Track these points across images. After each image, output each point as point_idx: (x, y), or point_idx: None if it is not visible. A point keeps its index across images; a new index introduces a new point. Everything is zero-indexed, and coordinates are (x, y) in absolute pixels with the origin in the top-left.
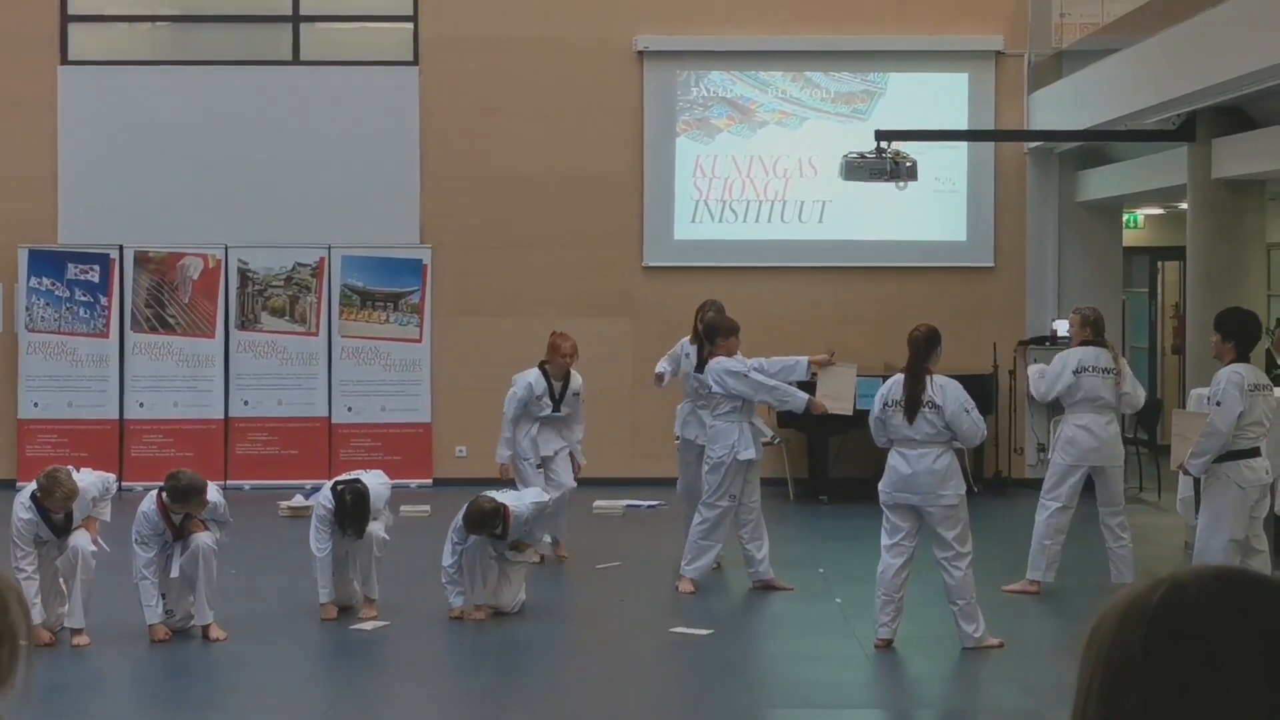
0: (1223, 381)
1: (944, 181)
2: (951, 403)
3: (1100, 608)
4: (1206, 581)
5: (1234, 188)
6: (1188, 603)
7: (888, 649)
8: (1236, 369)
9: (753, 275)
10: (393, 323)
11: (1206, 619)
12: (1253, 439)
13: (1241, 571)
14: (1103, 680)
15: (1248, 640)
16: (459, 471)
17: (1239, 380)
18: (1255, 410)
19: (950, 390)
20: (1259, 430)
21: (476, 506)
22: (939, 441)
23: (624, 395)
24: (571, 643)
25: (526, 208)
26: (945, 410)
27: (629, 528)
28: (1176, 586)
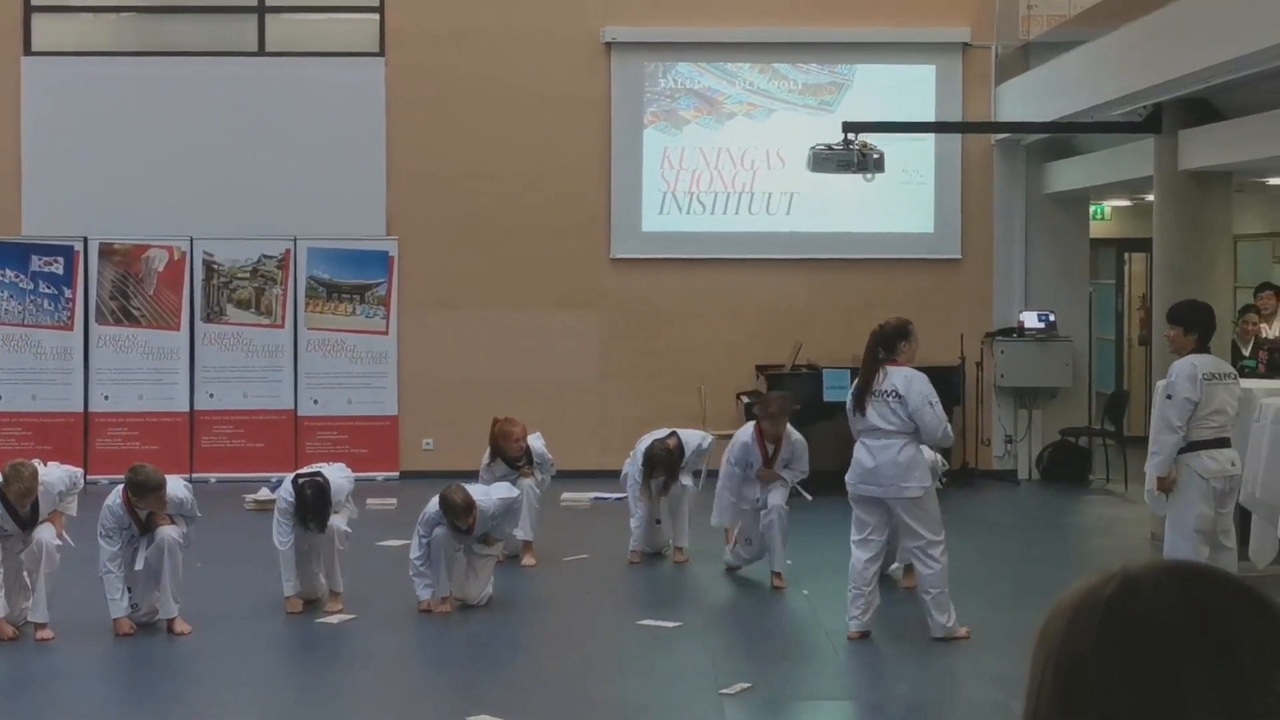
0: (1174, 373)
1: (911, 173)
2: (915, 395)
3: (1052, 604)
4: (1159, 576)
5: (1200, 179)
6: (1140, 598)
7: (862, 640)
8: (1191, 360)
9: (720, 267)
10: (359, 315)
11: (1159, 614)
12: (1215, 429)
13: (1195, 566)
14: (1054, 678)
15: (1201, 637)
16: (425, 464)
17: (1191, 371)
18: (1215, 400)
19: (915, 383)
20: (1221, 419)
21: (451, 497)
22: (902, 433)
23: (591, 388)
24: (539, 636)
25: (493, 200)
26: (908, 402)
27: (596, 520)
28: (1129, 581)
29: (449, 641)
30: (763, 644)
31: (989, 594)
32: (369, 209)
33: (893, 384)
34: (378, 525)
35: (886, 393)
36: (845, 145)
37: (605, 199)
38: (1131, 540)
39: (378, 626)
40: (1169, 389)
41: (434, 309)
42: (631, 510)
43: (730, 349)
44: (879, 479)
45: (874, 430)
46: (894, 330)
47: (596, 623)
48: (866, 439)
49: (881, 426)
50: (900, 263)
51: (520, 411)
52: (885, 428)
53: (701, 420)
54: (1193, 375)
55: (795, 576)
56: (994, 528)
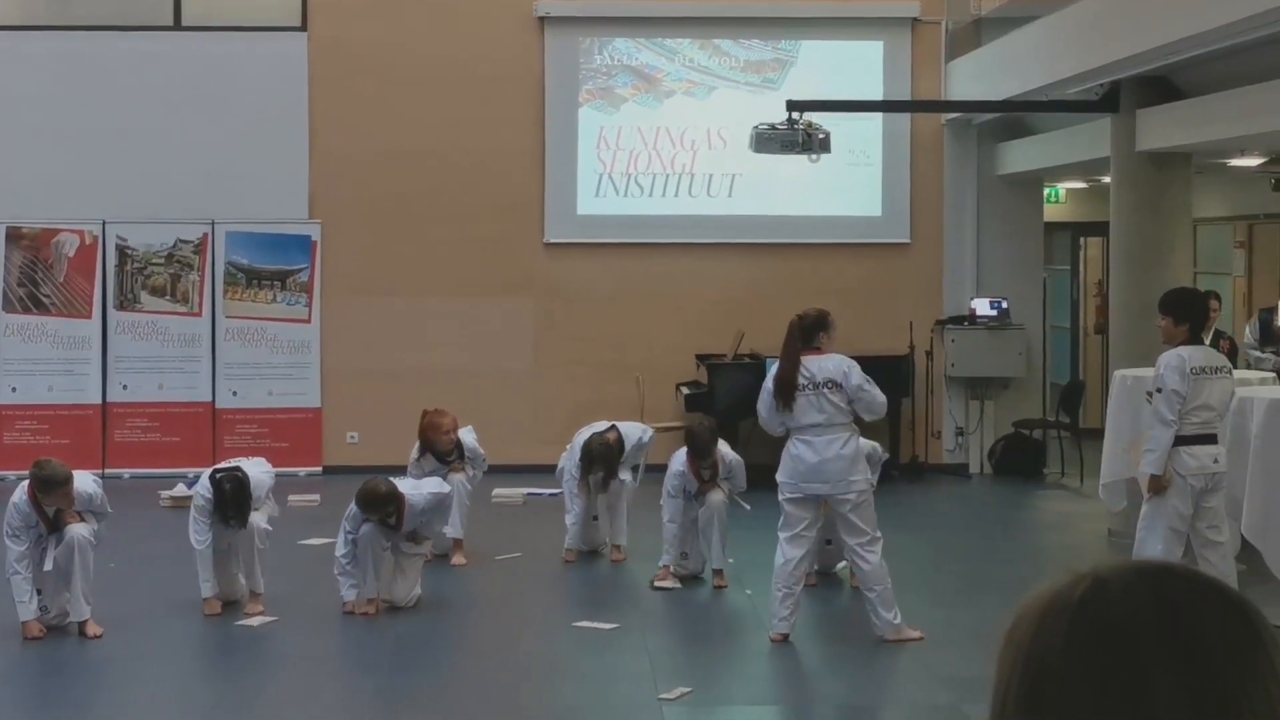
0: (1162, 366)
1: (858, 154)
2: (853, 376)
3: (1018, 605)
4: (1129, 577)
5: (1159, 160)
6: (1110, 599)
7: (785, 643)
8: (1179, 351)
9: (659, 252)
10: (280, 302)
11: (1129, 616)
12: (1199, 424)
13: (1166, 565)
14: (1021, 680)
15: (1171, 638)
16: (350, 459)
17: (1179, 363)
18: (1202, 394)
19: (848, 366)
20: (1206, 415)
21: (371, 487)
22: (843, 424)
23: (525, 378)
24: (470, 638)
25: (421, 181)
26: (848, 385)
27: (530, 517)
28: (1098, 582)
29: (375, 645)
30: (704, 646)
31: (939, 593)
32: (290, 191)
33: (826, 373)
34: (300, 523)
35: (821, 383)
36: (789, 125)
37: (538, 181)
38: (1087, 536)
39: (300, 629)
40: (1158, 382)
41: (359, 296)
42: (567, 507)
43: (670, 338)
44: (825, 475)
45: (813, 426)
46: (814, 321)
47: (530, 624)
48: (805, 435)
49: (819, 420)
50: (847, 247)
51: (450, 403)
52: (823, 421)
53: (640, 412)
54: (1180, 368)
55: (737, 575)
56: (944, 524)
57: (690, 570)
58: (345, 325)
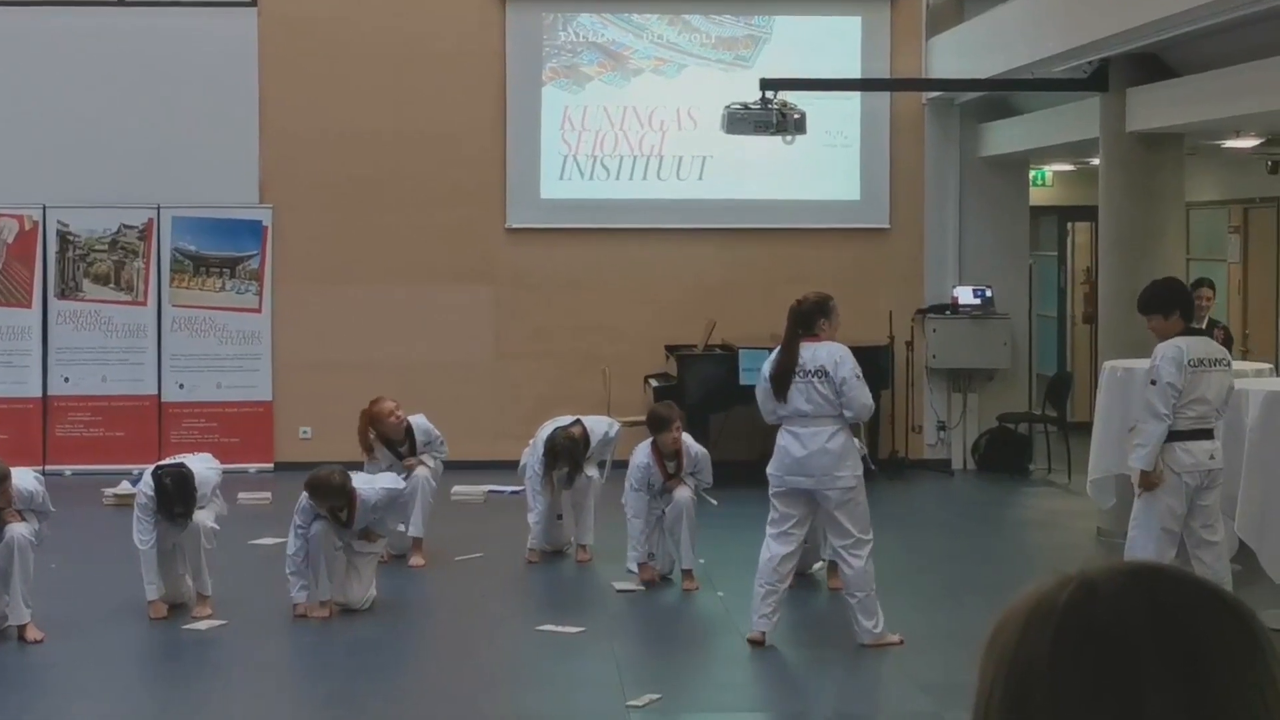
0: (1159, 356)
1: (835, 135)
2: (844, 369)
3: (1002, 609)
4: (1119, 579)
5: (1150, 142)
6: (1099, 602)
7: (763, 645)
8: (1177, 343)
9: (626, 238)
10: (229, 291)
11: (1119, 620)
12: (1194, 419)
13: (1158, 567)
14: (1005, 688)
15: (1164, 643)
16: (302, 455)
17: (1177, 355)
18: (1198, 388)
19: (842, 356)
20: (1202, 409)
21: (324, 476)
22: (830, 416)
23: (485, 370)
24: (428, 643)
25: (377, 164)
26: (835, 377)
27: (491, 516)
28: (1086, 585)
29: (328, 650)
30: (674, 651)
31: (920, 594)
32: (240, 174)
33: (818, 361)
34: (250, 522)
35: (811, 372)
36: (763, 104)
37: (500, 163)
38: (1075, 535)
39: (250, 633)
40: (1153, 373)
41: (312, 284)
42: (530, 505)
43: (638, 328)
44: (809, 469)
45: (800, 416)
46: (813, 306)
47: (491, 628)
48: (793, 426)
49: (806, 411)
50: (823, 233)
51: (408, 396)
52: (811, 411)
53: (606, 406)
54: (1178, 359)
55: (708, 576)
56: (926, 522)
57: (659, 571)
58: (298, 315)
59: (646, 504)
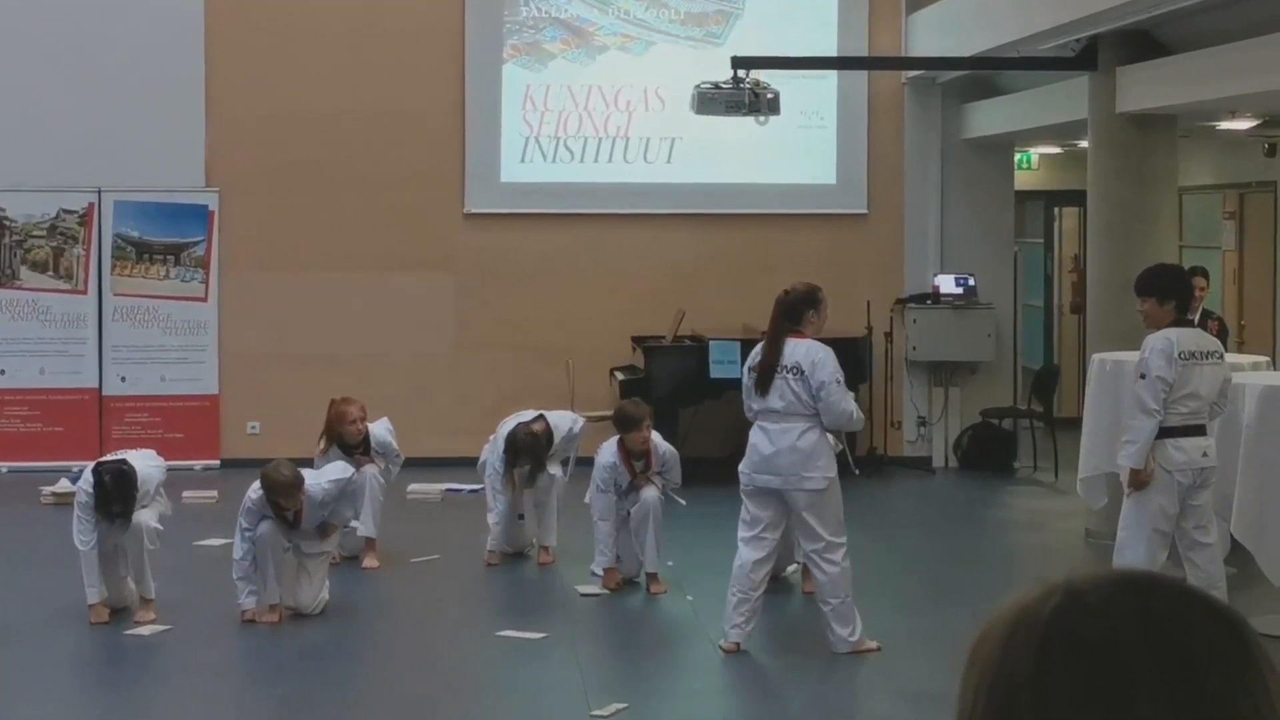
0: (1148, 349)
1: (810, 116)
2: (821, 370)
3: (985, 618)
4: (1107, 588)
5: (1141, 123)
6: (1085, 612)
7: (738, 653)
8: (1167, 334)
9: (591, 223)
10: (174, 279)
11: (1107, 631)
12: (1185, 415)
13: (1148, 575)
14: (989, 702)
15: (1154, 654)
16: (251, 451)
17: (1167, 347)
18: (1191, 382)
19: (820, 357)
20: (1194, 404)
21: (279, 472)
22: (802, 414)
23: (443, 363)
24: (382, 648)
25: (329, 146)
26: (812, 378)
27: (449, 515)
28: (1072, 594)
29: (278, 655)
30: (640, 658)
31: (899, 599)
32: (185, 156)
33: (795, 358)
34: (195, 522)
35: (787, 368)
36: (735, 83)
37: (458, 145)
38: (1063, 536)
39: (196, 638)
40: (1142, 367)
41: (261, 271)
42: (490, 504)
43: (603, 318)
44: (777, 468)
45: (772, 412)
46: (800, 297)
47: (449, 634)
48: (764, 422)
49: (779, 407)
50: (798, 219)
51: (362, 391)
52: (782, 408)
53: (570, 400)
54: (1168, 351)
55: (677, 579)
56: (905, 523)
57: (624, 574)
58: (246, 304)
59: (613, 505)
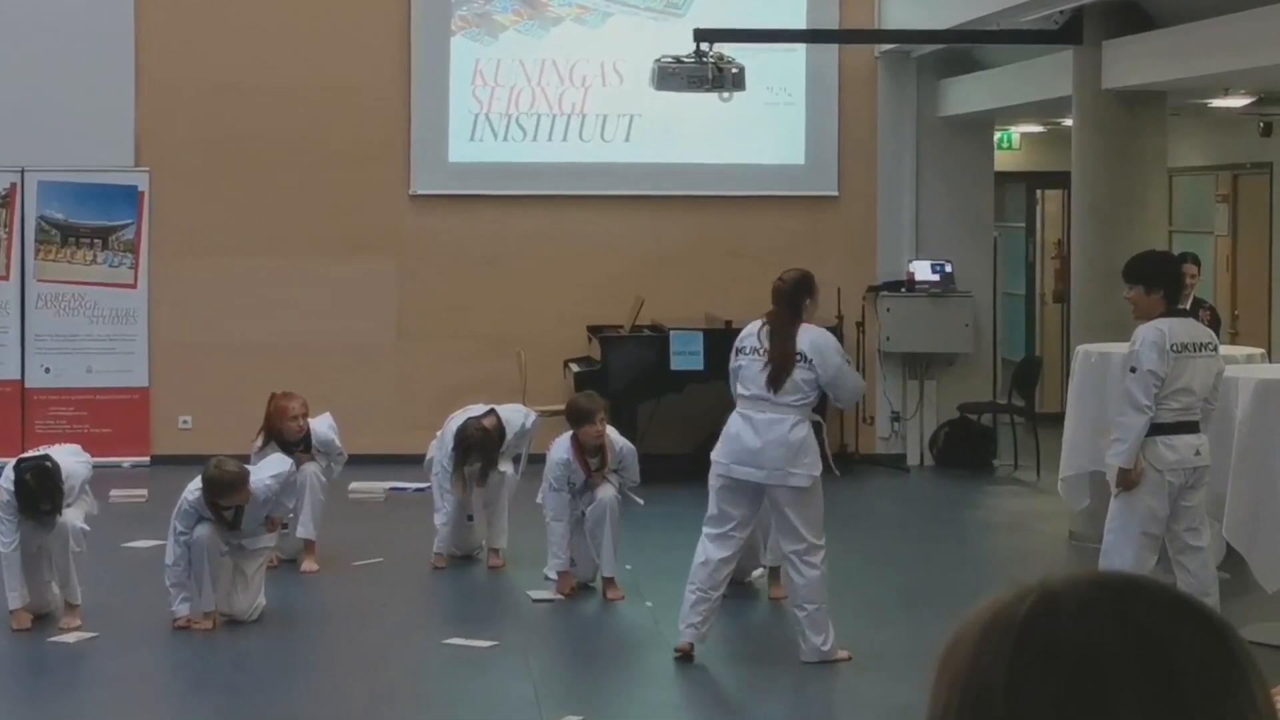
0: (1138, 340)
1: (778, 92)
2: (831, 356)
3: (956, 624)
4: (1084, 590)
5: (1129, 100)
6: (1062, 616)
7: (691, 658)
8: (1158, 325)
9: (544, 206)
10: (101, 264)
11: (1085, 636)
12: (1178, 410)
13: (1127, 577)
14: (960, 710)
15: (1134, 661)
16: (182, 446)
17: (1158, 339)
18: (1183, 376)
19: (824, 342)
20: (1187, 400)
21: (223, 470)
22: (797, 406)
23: (386, 353)
24: (323, 657)
25: (267, 123)
26: (824, 370)
27: (393, 515)
28: (1048, 597)
29: (212, 664)
30: (595, 667)
31: (871, 605)
32: (113, 133)
33: (799, 347)
34: (124, 522)
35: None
36: (697, 57)
37: (404, 122)
38: (1044, 539)
39: (125, 646)
40: (1132, 360)
41: (194, 256)
42: (437, 504)
43: (557, 306)
44: (761, 461)
45: (761, 400)
46: (796, 286)
47: (393, 641)
48: (748, 410)
49: (771, 395)
50: (764, 201)
51: (300, 383)
52: (779, 399)
53: (522, 394)
54: (1160, 344)
55: (635, 584)
56: (878, 524)
57: (579, 578)
58: (178, 291)
59: (567, 504)
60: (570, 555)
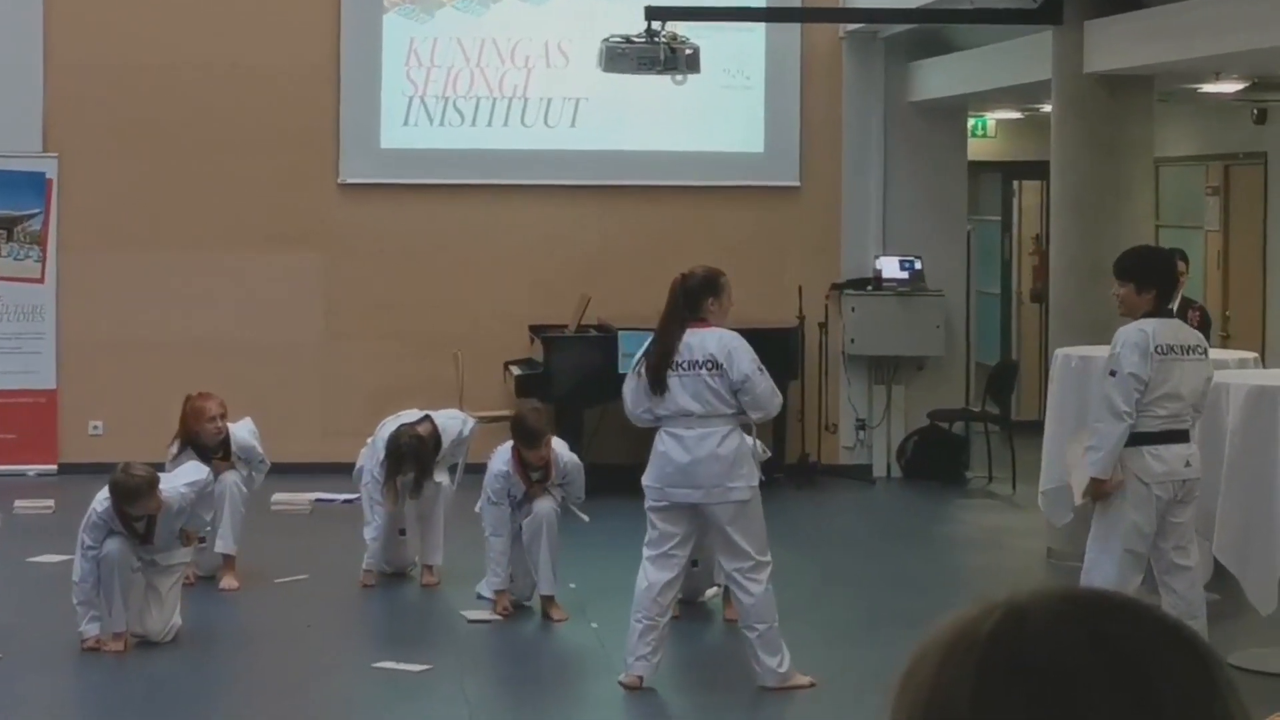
0: (1119, 343)
1: (735, 75)
2: (741, 360)
3: (918, 641)
4: (1053, 605)
5: (1113, 85)
6: (1029, 634)
7: (640, 690)
8: (1142, 325)
9: (483, 196)
10: (6, 256)
11: (1055, 654)
12: (1165, 418)
13: (1099, 594)
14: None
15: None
16: (93, 454)
17: (1141, 340)
18: (1170, 380)
19: (734, 345)
20: (1174, 406)
21: (125, 478)
22: (722, 416)
23: (313, 354)
24: (243, 681)
25: (185, 106)
26: (732, 371)
27: (319, 529)
28: (1014, 613)
29: (124, 689)
30: (536, 694)
31: (834, 627)
32: (20, 116)
33: (707, 350)
34: (29, 535)
35: (699, 363)
36: (648, 37)
37: (332, 105)
38: (1021, 557)
39: (29, 668)
40: (1112, 363)
41: (106, 249)
42: (368, 517)
43: (497, 304)
44: (696, 479)
45: (685, 416)
46: (701, 283)
47: (319, 665)
48: (675, 428)
49: (693, 410)
50: (720, 192)
51: (221, 385)
52: (699, 411)
53: (459, 398)
54: (1142, 345)
55: (579, 604)
56: (841, 541)
57: (517, 597)
58: (88, 286)
59: (507, 518)
60: (510, 573)
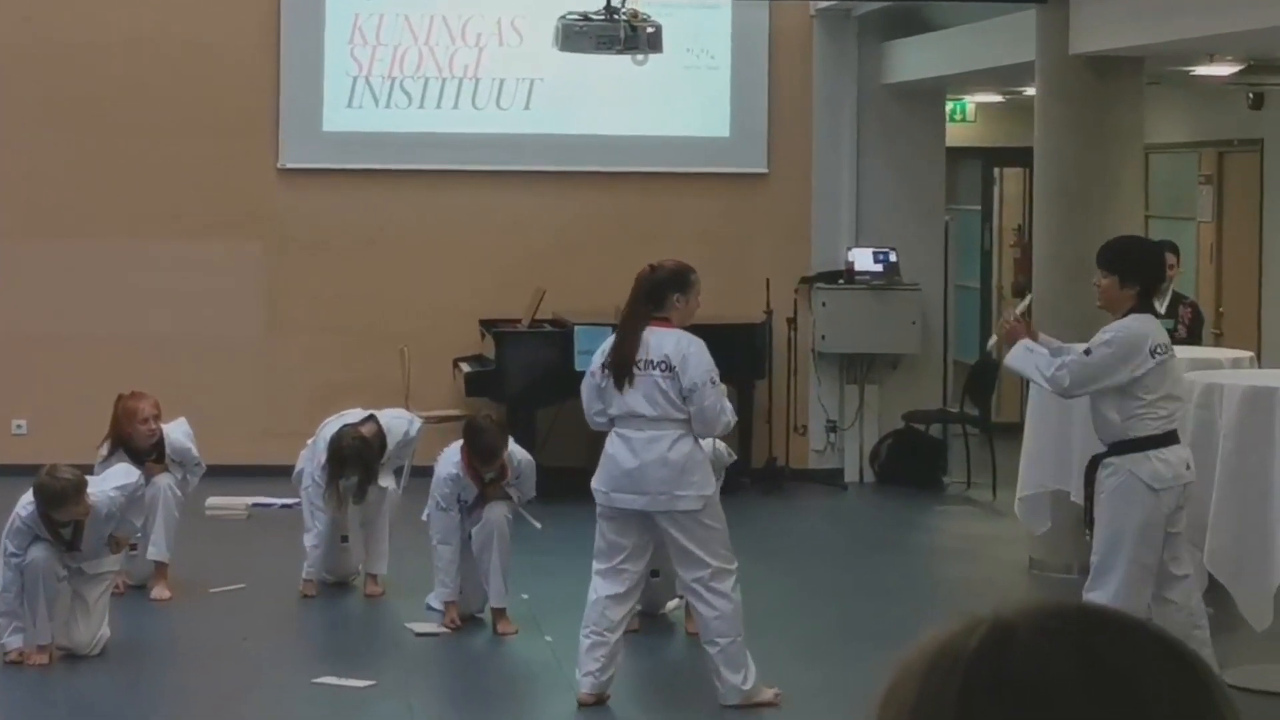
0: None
1: (699, 55)
2: (694, 368)
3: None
4: (1041, 620)
5: (1101, 67)
6: (1016, 651)
7: (597, 706)
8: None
9: (432, 182)
10: None
11: (1043, 672)
12: (1166, 419)
13: (1088, 608)
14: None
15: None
16: (15, 455)
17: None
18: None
19: (692, 350)
20: (1172, 406)
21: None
22: (674, 420)
23: (250, 349)
24: (175, 696)
25: (115, 86)
26: (682, 376)
27: (256, 536)
28: (1000, 629)
29: (48, 704)
30: (487, 711)
31: (803, 640)
32: None
33: (662, 351)
34: None
35: (654, 363)
36: (607, 14)
37: (271, 85)
38: (1002, 567)
39: None
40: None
41: (29, 237)
42: (308, 523)
43: (446, 297)
44: (643, 485)
45: (634, 417)
46: (668, 277)
47: (256, 679)
48: (625, 429)
49: (645, 412)
50: (683, 178)
51: (153, 382)
52: (649, 413)
53: (405, 396)
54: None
55: (533, 616)
56: (811, 549)
57: (467, 609)
58: (11, 275)
59: (457, 525)
60: (459, 583)
